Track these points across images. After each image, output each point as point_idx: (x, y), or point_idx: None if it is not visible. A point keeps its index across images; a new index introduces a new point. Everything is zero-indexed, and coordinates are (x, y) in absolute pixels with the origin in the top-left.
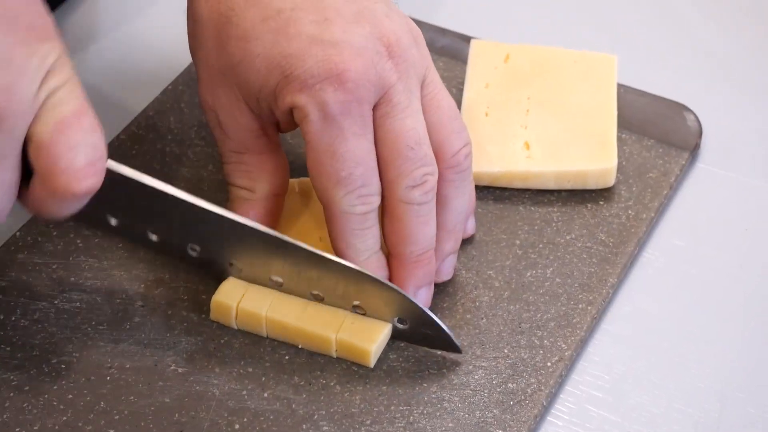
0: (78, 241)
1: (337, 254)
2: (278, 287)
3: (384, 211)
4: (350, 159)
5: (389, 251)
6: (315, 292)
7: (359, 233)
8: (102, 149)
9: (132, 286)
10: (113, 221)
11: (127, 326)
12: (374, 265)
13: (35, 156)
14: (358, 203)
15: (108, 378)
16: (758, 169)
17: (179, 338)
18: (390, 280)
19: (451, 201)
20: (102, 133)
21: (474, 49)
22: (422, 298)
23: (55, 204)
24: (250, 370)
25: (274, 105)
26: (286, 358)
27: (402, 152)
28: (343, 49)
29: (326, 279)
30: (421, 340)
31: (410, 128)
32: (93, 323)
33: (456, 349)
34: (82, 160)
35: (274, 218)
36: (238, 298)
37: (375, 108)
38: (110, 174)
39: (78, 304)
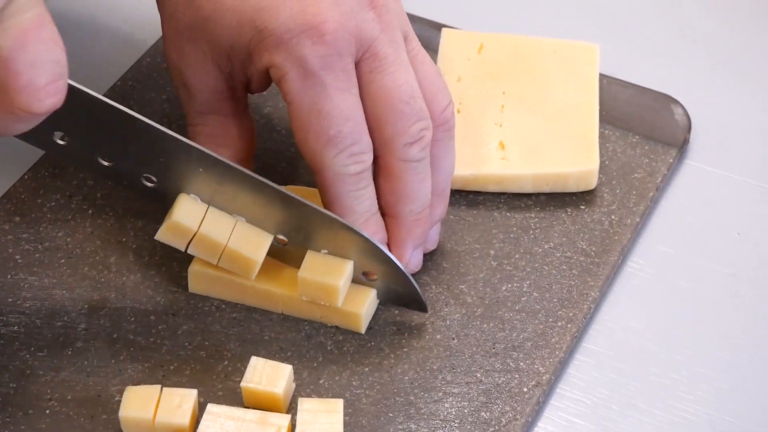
0: (17, 257)
1: None
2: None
3: (379, 171)
4: (337, 116)
5: (385, 212)
6: (280, 237)
7: (355, 195)
8: (64, 64)
9: (74, 307)
10: (60, 140)
11: (69, 352)
12: (373, 228)
13: None
14: (351, 162)
15: (47, 411)
16: (752, 167)
17: (125, 365)
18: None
19: (440, 161)
20: (63, 46)
21: (445, 39)
22: (416, 260)
23: (10, 122)
24: (201, 400)
25: (248, 63)
26: (240, 387)
27: (397, 108)
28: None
29: (292, 220)
30: (390, 297)
31: (403, 82)
32: (32, 349)
33: (423, 308)
34: (44, 78)
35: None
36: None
37: (360, 63)
38: (70, 90)
39: (16, 328)
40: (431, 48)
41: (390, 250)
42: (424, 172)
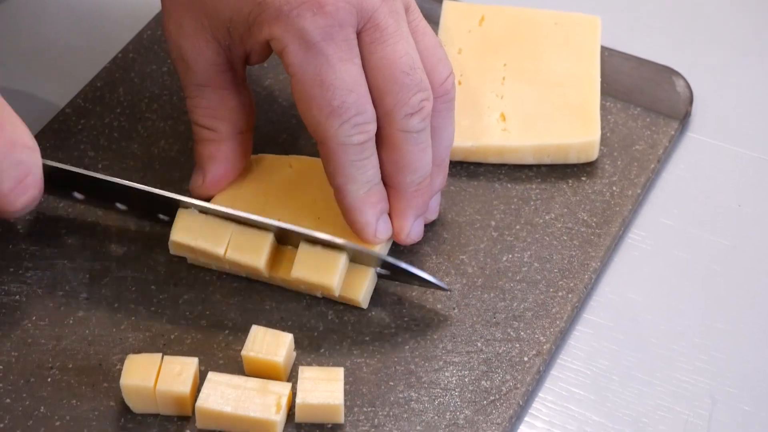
0: (18, 227)
1: (336, 190)
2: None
3: (380, 142)
4: (340, 86)
5: (387, 182)
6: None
7: (359, 164)
8: (29, 163)
9: (76, 277)
10: (79, 196)
11: (70, 321)
12: (376, 198)
13: None
14: (355, 132)
15: (49, 380)
16: (753, 139)
17: (126, 334)
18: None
19: (440, 132)
20: (26, 133)
21: (446, 11)
22: (417, 230)
23: (5, 215)
24: (202, 368)
25: (247, 36)
26: (241, 356)
27: (398, 79)
28: None
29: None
30: (407, 281)
31: (404, 53)
32: (33, 318)
33: (443, 289)
34: (6, 185)
35: (241, 156)
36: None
37: (361, 34)
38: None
39: (17, 297)
40: (432, 20)
41: (391, 220)
42: (425, 142)
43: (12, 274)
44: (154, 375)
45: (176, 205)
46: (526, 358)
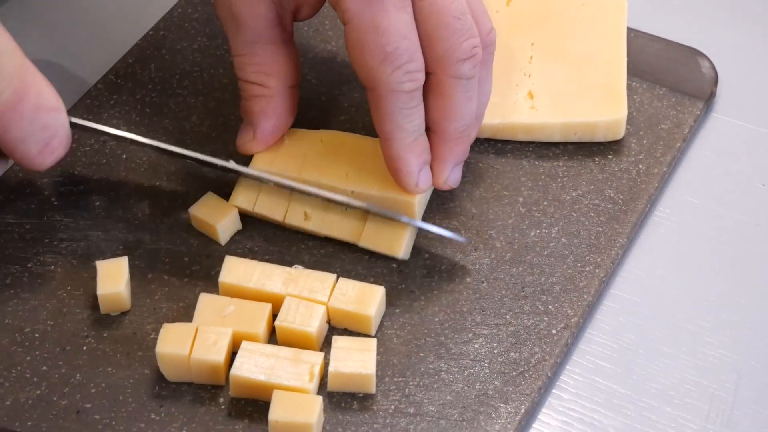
0: (53, 200)
1: (383, 138)
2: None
3: (429, 89)
4: (395, 32)
5: (431, 128)
6: None
7: (407, 113)
8: (54, 125)
9: (110, 248)
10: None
11: None
12: (420, 148)
13: None
14: (406, 80)
15: (84, 348)
16: None
17: (160, 305)
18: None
19: (483, 84)
20: (51, 95)
21: None
22: (455, 177)
23: (34, 170)
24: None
25: None
26: (275, 326)
27: (450, 24)
28: None
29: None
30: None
31: None
32: (68, 288)
33: (462, 240)
34: (34, 149)
35: (290, 110)
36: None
37: None
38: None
39: (52, 267)
40: None
41: (432, 167)
42: (473, 90)
43: (47, 245)
44: (189, 343)
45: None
46: (554, 331)
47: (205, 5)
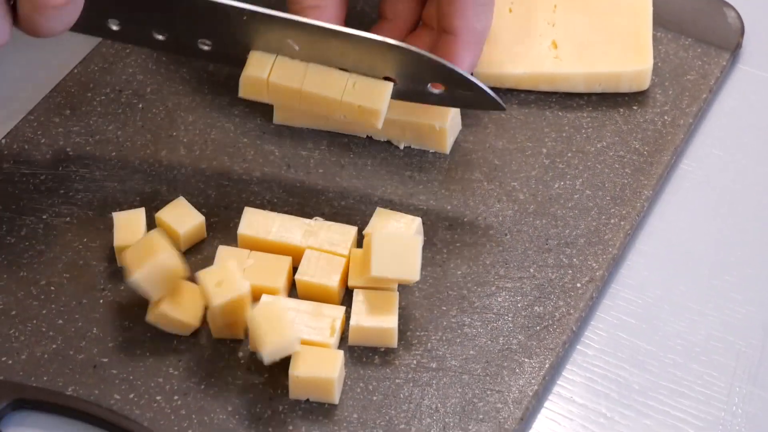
0: (68, 150)
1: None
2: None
3: None
4: None
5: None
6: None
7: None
8: None
9: (126, 200)
10: (114, 26)
11: None
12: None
13: None
14: None
15: (101, 301)
16: None
17: None
18: None
19: None
20: None
21: None
22: (469, 60)
23: (43, 19)
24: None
25: None
26: (295, 279)
27: None
28: None
29: (352, 54)
30: (461, 103)
31: None
32: (84, 240)
33: (499, 106)
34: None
35: (343, 19)
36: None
37: None
38: None
39: (68, 219)
40: None
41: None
42: None
43: (62, 196)
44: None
45: (233, 21)
46: (579, 285)
47: None
